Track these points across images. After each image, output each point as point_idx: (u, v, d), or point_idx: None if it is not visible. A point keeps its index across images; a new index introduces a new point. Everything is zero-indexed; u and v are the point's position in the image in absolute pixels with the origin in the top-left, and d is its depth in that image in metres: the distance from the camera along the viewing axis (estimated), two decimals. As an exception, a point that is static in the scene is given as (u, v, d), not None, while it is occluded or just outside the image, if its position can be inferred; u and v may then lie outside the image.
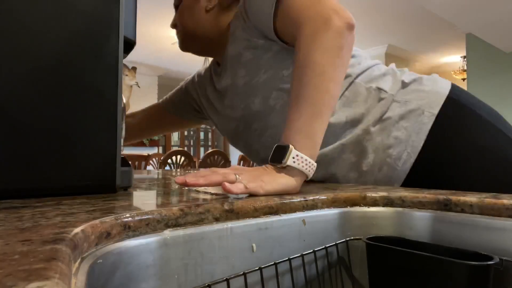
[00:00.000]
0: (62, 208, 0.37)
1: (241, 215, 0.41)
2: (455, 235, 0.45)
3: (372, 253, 0.46)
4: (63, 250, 0.22)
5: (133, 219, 0.33)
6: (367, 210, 0.51)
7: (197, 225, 0.37)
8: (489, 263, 0.37)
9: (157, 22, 4.28)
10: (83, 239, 0.27)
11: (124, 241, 0.32)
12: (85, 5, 0.49)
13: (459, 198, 0.46)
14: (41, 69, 0.46)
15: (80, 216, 0.32)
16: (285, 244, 0.44)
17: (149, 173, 1.25)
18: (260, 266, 0.41)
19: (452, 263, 0.38)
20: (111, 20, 0.50)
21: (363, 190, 0.55)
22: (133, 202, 0.43)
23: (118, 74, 0.50)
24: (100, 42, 0.49)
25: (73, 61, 0.48)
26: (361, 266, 0.50)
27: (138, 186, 0.65)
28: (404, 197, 0.50)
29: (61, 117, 0.47)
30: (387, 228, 0.50)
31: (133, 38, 0.56)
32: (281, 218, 0.44)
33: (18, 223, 0.29)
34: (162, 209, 0.36)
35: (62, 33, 0.47)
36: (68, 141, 0.47)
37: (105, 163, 0.49)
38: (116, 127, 0.50)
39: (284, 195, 0.50)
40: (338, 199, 0.51)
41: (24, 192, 0.45)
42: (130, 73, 5.61)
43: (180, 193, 0.53)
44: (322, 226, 0.48)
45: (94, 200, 0.44)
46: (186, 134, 7.28)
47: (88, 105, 0.48)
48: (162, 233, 0.35)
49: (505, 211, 0.42)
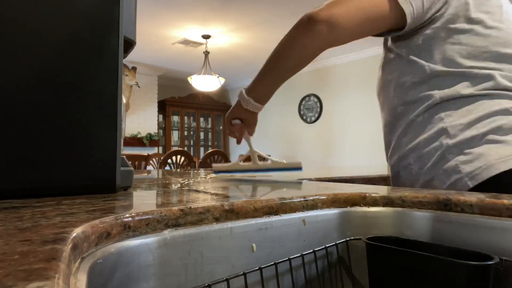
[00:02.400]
0: (62, 208, 0.37)
1: (241, 215, 0.41)
2: (455, 235, 0.45)
3: (372, 253, 0.46)
4: (63, 250, 0.22)
5: (133, 219, 0.33)
6: (367, 210, 0.51)
7: (197, 225, 0.37)
8: (489, 263, 0.37)
9: (157, 22, 4.28)
10: (83, 239, 0.27)
11: (124, 241, 0.32)
12: (85, 5, 0.49)
13: (459, 198, 0.46)
14: (41, 69, 0.46)
15: (80, 216, 0.32)
16: (285, 244, 0.44)
17: (149, 173, 1.25)
18: (260, 266, 0.41)
19: (452, 263, 0.38)
20: (111, 20, 0.50)
21: (363, 190, 0.55)
22: (133, 202, 0.43)
23: (118, 74, 0.50)
24: (100, 42, 0.49)
25: (73, 61, 0.48)
26: (361, 266, 0.49)
27: (138, 186, 0.65)
28: (404, 197, 0.50)
29: (61, 117, 0.47)
30: (387, 228, 0.50)
31: (133, 38, 0.56)
32: (281, 218, 0.44)
33: (18, 223, 0.29)
34: (162, 209, 0.36)
35: (62, 33, 0.47)
36: (68, 141, 0.47)
37: (105, 163, 0.49)
38: (116, 127, 0.50)
39: (283, 193, 0.50)
40: (338, 199, 0.51)
41: (24, 192, 0.45)
42: (130, 73, 5.60)
43: (180, 193, 0.53)
44: (322, 226, 0.48)
45: (94, 200, 0.44)
46: (186, 134, 7.28)
47: (88, 105, 0.48)
48: (162, 233, 0.35)
49: (505, 211, 0.42)
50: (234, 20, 4.27)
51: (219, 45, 5.11)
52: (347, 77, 5.62)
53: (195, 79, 4.90)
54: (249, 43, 5.05)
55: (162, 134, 6.84)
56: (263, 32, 4.60)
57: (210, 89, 5.09)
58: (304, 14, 0.76)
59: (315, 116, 6.11)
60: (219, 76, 4.93)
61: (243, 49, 5.30)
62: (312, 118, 6.15)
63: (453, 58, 0.73)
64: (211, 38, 4.81)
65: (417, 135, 0.76)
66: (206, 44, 4.91)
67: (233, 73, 6.51)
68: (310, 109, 6.17)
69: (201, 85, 4.97)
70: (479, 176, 0.66)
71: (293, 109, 6.43)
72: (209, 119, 7.62)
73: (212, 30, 4.58)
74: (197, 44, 5.02)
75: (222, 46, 5.14)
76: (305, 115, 6.25)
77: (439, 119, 0.73)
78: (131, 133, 6.06)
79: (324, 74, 5.93)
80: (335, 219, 0.50)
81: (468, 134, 0.69)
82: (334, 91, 5.80)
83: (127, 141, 5.81)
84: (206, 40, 4.84)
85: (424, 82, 0.75)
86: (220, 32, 4.65)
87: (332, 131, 5.84)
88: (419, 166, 0.76)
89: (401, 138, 0.80)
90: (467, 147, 0.69)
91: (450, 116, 0.72)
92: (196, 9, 3.96)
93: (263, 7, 3.89)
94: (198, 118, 7.36)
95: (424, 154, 0.74)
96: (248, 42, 5.01)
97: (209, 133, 7.62)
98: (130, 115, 6.09)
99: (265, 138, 6.86)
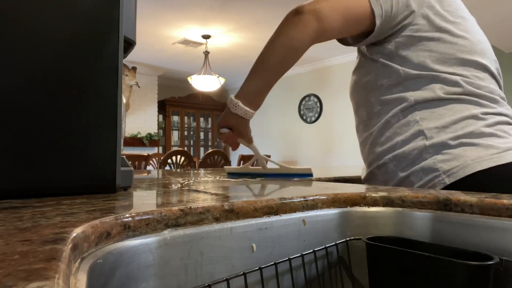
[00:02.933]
0: (62, 208, 0.37)
1: (241, 215, 0.41)
2: (455, 235, 0.45)
3: (372, 253, 0.46)
4: (63, 250, 0.22)
5: (133, 219, 0.33)
6: (367, 210, 0.51)
7: (197, 225, 0.37)
8: (489, 263, 0.37)
9: (157, 22, 4.28)
10: (83, 239, 0.27)
11: (124, 241, 0.32)
12: (85, 5, 0.49)
13: (459, 198, 0.46)
14: (41, 69, 0.46)
15: (80, 216, 0.32)
16: (285, 244, 0.44)
17: (149, 173, 1.25)
18: (260, 266, 0.41)
19: (452, 263, 0.38)
20: (111, 20, 0.50)
21: (363, 190, 0.55)
22: (133, 202, 0.43)
23: (118, 74, 0.50)
24: (100, 42, 0.49)
25: (73, 61, 0.48)
26: (361, 266, 0.49)
27: (138, 186, 0.65)
28: (404, 197, 0.50)
29: (61, 117, 0.47)
30: (387, 228, 0.50)
31: (133, 38, 0.56)
32: (281, 218, 0.44)
33: (18, 223, 0.29)
34: (162, 209, 0.36)
35: (62, 33, 0.47)
36: (68, 141, 0.47)
37: (105, 163, 0.49)
38: (116, 127, 0.50)
39: (283, 193, 0.50)
40: (338, 199, 0.51)
41: (24, 192, 0.45)
42: (130, 73, 5.60)
43: (180, 193, 0.53)
44: (322, 226, 0.48)
45: (94, 200, 0.44)
46: (186, 134, 7.28)
47: (88, 105, 0.48)
48: (162, 233, 0.35)
49: (505, 211, 0.42)
50: (234, 20, 4.27)
51: (219, 45, 5.11)
52: (347, 77, 5.61)
53: (195, 79, 4.90)
54: (249, 43, 5.05)
55: (162, 134, 6.85)
56: (263, 32, 4.60)
57: (210, 89, 5.09)
58: None
59: (315, 116, 6.11)
60: (219, 76, 4.93)
61: (243, 49, 5.30)
62: (312, 118, 6.15)
63: (424, 63, 0.79)
64: (211, 38, 4.81)
65: (394, 136, 0.81)
66: (206, 44, 4.91)
67: (233, 73, 6.51)
68: (310, 109, 6.17)
69: (201, 85, 4.97)
70: (456, 174, 0.72)
71: (293, 109, 6.43)
72: (209, 119, 7.63)
73: (212, 30, 4.58)
74: (197, 44, 5.03)
75: (222, 46, 5.14)
76: (305, 115, 6.25)
77: (414, 121, 0.79)
78: (131, 133, 6.06)
79: (324, 74, 5.93)
80: (335, 219, 0.50)
81: (443, 137, 0.75)
82: (334, 91, 5.80)
83: (127, 141, 5.82)
84: (206, 40, 4.84)
85: (399, 84, 0.81)
86: (220, 32, 4.65)
87: (332, 131, 5.84)
88: (395, 164, 0.80)
89: (377, 138, 0.84)
90: (443, 148, 0.75)
91: (425, 119, 0.78)
92: (196, 9, 3.96)
93: (263, 7, 3.89)
94: (198, 118, 7.36)
95: (400, 153, 0.79)
96: (248, 42, 5.01)
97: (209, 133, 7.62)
98: (130, 115, 6.09)
99: (265, 138, 6.86)
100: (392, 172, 0.80)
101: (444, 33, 0.79)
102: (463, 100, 0.77)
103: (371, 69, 0.85)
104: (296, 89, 6.24)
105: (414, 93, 0.79)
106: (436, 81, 0.78)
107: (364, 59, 0.89)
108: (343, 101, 5.62)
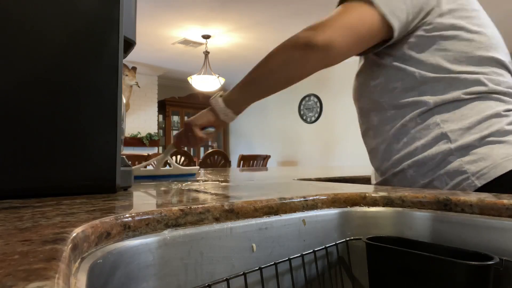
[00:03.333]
0: (62, 208, 0.37)
1: (241, 215, 0.41)
2: (455, 235, 0.45)
3: (372, 253, 0.46)
4: (63, 250, 0.22)
5: (133, 219, 0.33)
6: (367, 210, 0.51)
7: (197, 225, 0.37)
8: (489, 263, 0.37)
9: (157, 22, 4.28)
10: (83, 239, 0.27)
11: (124, 241, 0.32)
12: (85, 5, 0.49)
13: (459, 198, 0.46)
14: (42, 69, 0.46)
15: (80, 216, 0.32)
16: (285, 244, 0.44)
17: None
18: (260, 266, 0.41)
19: (452, 263, 0.38)
20: (111, 20, 0.50)
21: (363, 190, 0.55)
22: (133, 202, 0.43)
23: (118, 74, 0.50)
24: (100, 42, 0.49)
25: (73, 61, 0.48)
26: (361, 266, 0.49)
27: (138, 186, 0.65)
28: (404, 197, 0.50)
29: (61, 117, 0.47)
30: (387, 228, 0.50)
31: (133, 38, 0.56)
32: (281, 218, 0.44)
33: (18, 223, 0.29)
34: (162, 209, 0.36)
35: (62, 33, 0.47)
36: (68, 141, 0.47)
37: (105, 163, 0.49)
38: (116, 127, 0.50)
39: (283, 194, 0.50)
40: (338, 199, 0.51)
41: (24, 192, 0.45)
42: (130, 73, 5.60)
43: (180, 193, 0.53)
44: (322, 226, 0.48)
45: (94, 200, 0.44)
46: (186, 134, 7.27)
47: (88, 105, 0.48)
48: (162, 233, 0.35)
49: (505, 211, 0.42)
50: (234, 20, 4.27)
51: (219, 45, 5.10)
52: (347, 77, 5.61)
53: (195, 79, 4.89)
54: (249, 43, 5.05)
55: (162, 134, 6.84)
56: (263, 32, 4.60)
57: (210, 89, 5.09)
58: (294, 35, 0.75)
59: (315, 116, 6.11)
60: (219, 76, 4.93)
61: (243, 49, 5.30)
62: (312, 118, 6.15)
63: (440, 64, 0.75)
64: (211, 38, 4.81)
65: (412, 142, 0.76)
66: (206, 44, 4.91)
67: (233, 73, 6.51)
68: (310, 109, 6.17)
69: (201, 85, 4.97)
70: (487, 175, 0.67)
71: (293, 109, 6.43)
72: (209, 119, 7.60)
73: (212, 30, 4.58)
74: (197, 44, 5.02)
75: (222, 46, 5.14)
76: (305, 115, 6.25)
77: (435, 124, 0.74)
78: (131, 133, 6.06)
79: (324, 74, 5.92)
80: (335, 219, 0.50)
81: (469, 139, 0.71)
82: (334, 91, 5.80)
83: (127, 141, 5.81)
84: (206, 40, 4.84)
85: (414, 88, 0.76)
86: (220, 32, 4.65)
87: (332, 131, 5.84)
88: (415, 170, 0.76)
89: (392, 144, 0.80)
90: (470, 149, 0.70)
91: (447, 121, 0.73)
92: (196, 9, 3.96)
93: (263, 7, 3.89)
94: (198, 118, 7.34)
95: (421, 159, 0.74)
96: (248, 42, 5.01)
97: (209, 133, 7.61)
98: (130, 115, 6.09)
99: (265, 138, 6.86)
100: (411, 178, 0.76)
101: (459, 30, 0.75)
102: (485, 97, 0.73)
103: (381, 73, 0.81)
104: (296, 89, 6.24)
105: (433, 97, 0.74)
106: (455, 83, 0.74)
107: (370, 63, 0.85)
108: (343, 101, 5.62)
